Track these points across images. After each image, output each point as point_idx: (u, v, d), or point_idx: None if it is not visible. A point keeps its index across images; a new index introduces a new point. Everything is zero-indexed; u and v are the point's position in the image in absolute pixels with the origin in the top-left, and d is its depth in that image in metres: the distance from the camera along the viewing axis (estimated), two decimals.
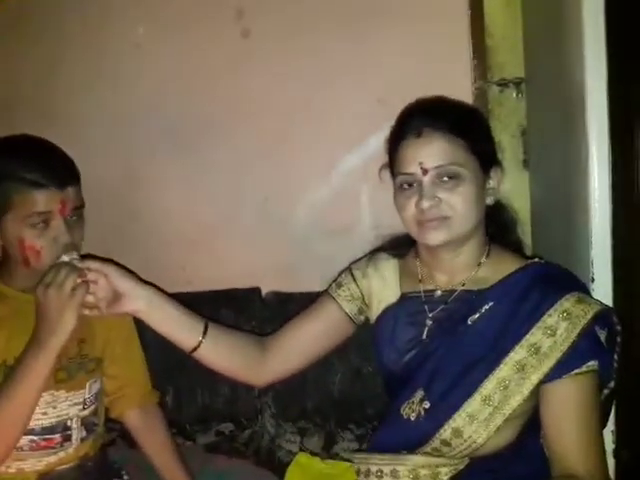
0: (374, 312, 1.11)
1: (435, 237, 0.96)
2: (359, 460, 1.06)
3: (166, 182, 1.57)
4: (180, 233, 1.59)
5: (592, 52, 0.99)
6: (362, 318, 1.14)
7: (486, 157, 1.00)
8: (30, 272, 1.06)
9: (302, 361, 1.11)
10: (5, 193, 1.01)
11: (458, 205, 0.95)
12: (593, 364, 0.91)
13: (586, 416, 0.91)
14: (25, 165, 1.02)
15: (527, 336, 0.93)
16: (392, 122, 1.26)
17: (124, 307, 0.98)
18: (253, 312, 1.51)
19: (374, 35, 1.43)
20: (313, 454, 1.42)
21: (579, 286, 0.98)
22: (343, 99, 1.46)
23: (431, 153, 0.95)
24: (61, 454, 1.09)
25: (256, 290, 1.56)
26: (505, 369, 0.93)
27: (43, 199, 1.01)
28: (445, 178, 0.95)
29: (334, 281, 1.16)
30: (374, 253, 1.16)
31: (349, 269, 1.16)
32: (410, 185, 0.97)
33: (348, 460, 1.31)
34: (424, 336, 1.02)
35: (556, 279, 0.98)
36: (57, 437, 1.09)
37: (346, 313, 1.12)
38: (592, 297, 0.98)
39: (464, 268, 1.02)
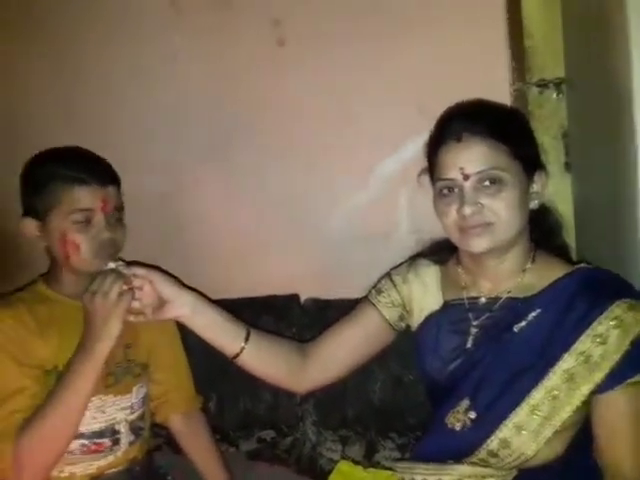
0: (415, 319, 1.10)
1: (478, 244, 0.94)
2: (402, 469, 1.04)
3: (206, 193, 1.60)
4: (220, 242, 1.61)
5: (638, 50, 0.95)
6: (403, 325, 1.12)
7: (529, 160, 0.97)
8: (76, 278, 1.11)
9: (342, 369, 1.11)
10: (51, 192, 1.07)
11: (501, 211, 0.93)
12: None
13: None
14: (69, 165, 1.09)
15: (576, 344, 0.90)
16: (430, 127, 1.26)
17: (169, 313, 1.00)
18: (292, 319, 1.52)
19: (410, 41, 1.43)
20: (355, 462, 1.41)
21: (631, 292, 0.94)
22: (380, 105, 1.45)
23: (472, 158, 0.93)
24: (110, 458, 1.12)
25: (295, 297, 1.57)
26: (554, 378, 0.91)
27: (86, 196, 1.07)
28: (487, 183, 0.93)
29: (374, 287, 1.15)
30: (414, 259, 1.15)
31: (389, 275, 1.15)
32: (450, 190, 0.96)
33: (390, 469, 1.28)
34: (469, 345, 1.01)
35: (605, 284, 0.95)
36: (106, 441, 1.11)
37: (386, 320, 1.11)
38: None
39: (509, 275, 1.00)
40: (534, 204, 0.98)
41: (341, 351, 1.10)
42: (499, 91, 1.38)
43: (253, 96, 1.53)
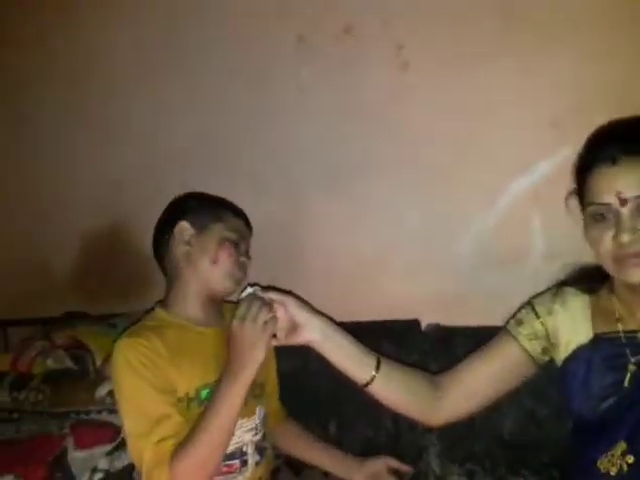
0: (562, 353, 1.02)
1: (638, 274, 0.87)
2: None
3: (329, 217, 1.62)
4: (342, 265, 1.62)
5: None
6: (546, 358, 1.05)
7: None
8: (200, 302, 1.15)
9: (477, 403, 1.06)
10: (216, 214, 1.19)
11: None
12: None
13: None
14: (226, 205, 1.23)
15: None
16: (565, 145, 1.19)
17: (300, 337, 1.01)
18: (413, 345, 1.48)
19: (542, 58, 1.36)
20: None
21: None
22: (509, 126, 1.40)
23: (630, 182, 0.86)
24: (240, 478, 1.13)
25: (416, 322, 1.53)
26: None
27: (240, 227, 1.21)
28: None
29: (513, 317, 1.09)
30: (560, 287, 1.07)
31: (531, 304, 1.07)
32: (604, 216, 0.89)
33: None
34: (626, 383, 0.93)
35: None
36: (236, 462, 1.12)
37: (528, 353, 1.04)
38: None
39: None
40: None
41: (477, 385, 1.05)
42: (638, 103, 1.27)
43: (377, 123, 1.53)
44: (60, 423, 1.43)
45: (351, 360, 1.02)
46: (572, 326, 1.01)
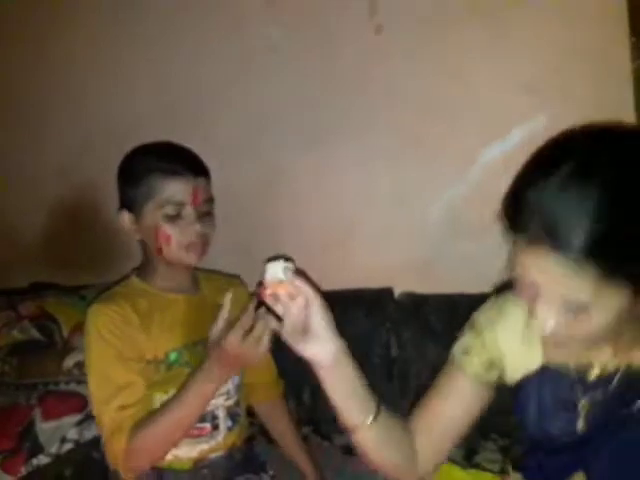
0: (509, 375, 0.89)
1: None
2: None
3: (300, 182, 1.60)
4: (313, 233, 1.61)
5: None
6: (499, 380, 0.91)
7: None
8: (171, 271, 1.14)
9: (452, 445, 0.93)
10: (145, 185, 1.09)
11: None
12: None
13: None
14: (162, 157, 1.11)
15: None
16: (540, 112, 1.18)
17: (307, 349, 0.82)
18: (386, 313, 1.49)
19: (518, 22, 1.34)
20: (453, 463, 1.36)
21: None
22: (483, 91, 1.38)
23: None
24: (212, 442, 1.14)
25: (388, 290, 1.53)
26: None
27: (178, 188, 1.08)
28: None
29: (459, 342, 0.92)
30: (505, 301, 0.89)
31: (474, 327, 0.91)
32: None
33: (490, 471, 1.24)
34: (579, 427, 0.82)
35: None
36: (207, 426, 1.13)
37: (481, 382, 0.89)
38: None
39: (632, 344, 0.78)
40: None
41: (445, 432, 0.91)
42: (618, 69, 1.27)
43: (349, 87, 1.51)
44: (28, 394, 1.41)
45: (349, 400, 0.85)
46: (517, 346, 0.86)
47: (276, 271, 0.84)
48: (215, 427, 1.14)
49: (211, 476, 1.14)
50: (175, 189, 1.08)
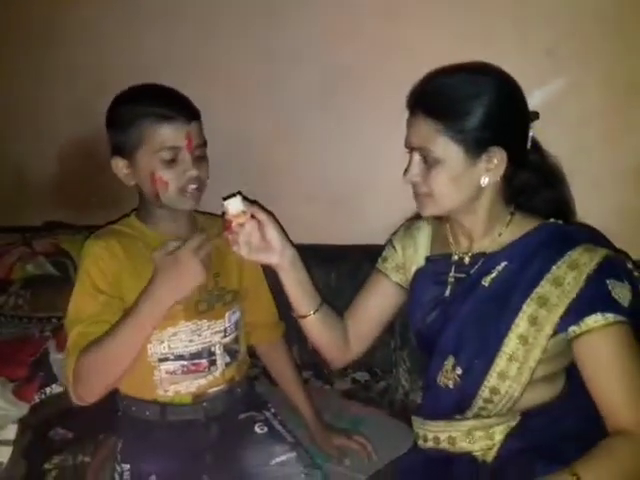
0: (409, 277, 1.16)
1: (423, 209, 1.05)
2: (417, 425, 1.11)
3: (312, 136, 1.59)
4: (323, 186, 1.62)
5: None
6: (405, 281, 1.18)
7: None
8: (168, 213, 1.15)
9: (374, 337, 1.22)
10: (138, 129, 1.08)
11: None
12: (610, 317, 0.90)
13: (624, 369, 0.90)
14: (154, 102, 1.09)
15: (536, 289, 0.96)
16: (561, 75, 1.18)
17: (269, 258, 1.06)
18: None
19: None
20: None
21: (593, 239, 0.99)
22: (503, 54, 1.34)
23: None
24: (210, 377, 1.18)
25: None
26: (522, 324, 0.96)
27: (172, 133, 1.08)
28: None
29: (380, 256, 1.22)
30: (411, 220, 1.21)
31: (390, 241, 1.22)
32: None
33: None
34: (447, 293, 1.07)
35: (569, 235, 1.00)
36: (204, 362, 1.17)
37: (397, 283, 1.18)
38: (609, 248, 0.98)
39: (483, 234, 1.05)
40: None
41: (369, 324, 1.20)
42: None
43: (365, 42, 1.48)
44: (42, 327, 1.46)
45: (301, 294, 1.11)
46: (415, 253, 1.16)
47: (237, 205, 1.03)
48: (212, 363, 1.18)
49: (211, 409, 1.18)
50: (169, 134, 1.08)
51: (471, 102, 0.96)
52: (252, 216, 1.04)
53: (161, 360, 1.15)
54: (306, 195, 1.64)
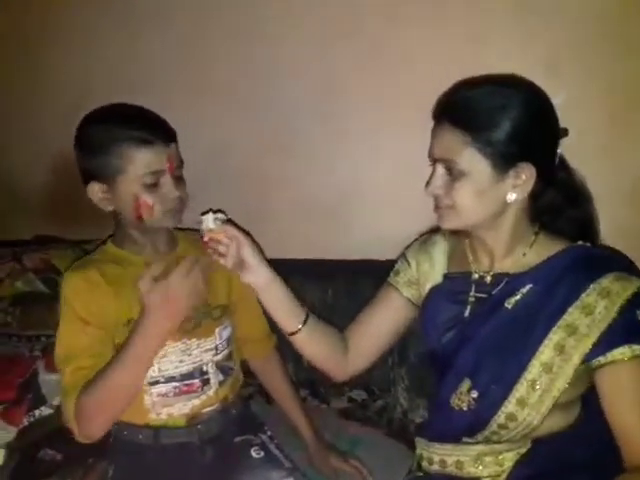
0: (423, 294, 1.13)
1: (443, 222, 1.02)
2: (421, 446, 1.08)
3: (306, 147, 1.57)
4: (320, 200, 1.59)
5: None
6: (421, 301, 1.15)
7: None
8: (144, 234, 1.13)
9: (378, 353, 1.17)
10: (116, 155, 1.05)
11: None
12: (637, 349, 0.88)
13: None
14: (131, 125, 1.06)
15: (564, 316, 0.92)
16: (561, 89, 1.16)
17: (245, 277, 1.06)
18: None
19: None
20: None
21: (623, 265, 0.96)
22: (500, 61, 1.34)
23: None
24: (203, 397, 1.15)
25: (394, 262, 1.53)
26: (546, 352, 0.93)
27: (154, 157, 1.06)
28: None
29: (392, 270, 1.19)
30: (428, 235, 1.19)
31: (403, 255, 1.19)
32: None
33: None
34: (466, 313, 1.04)
35: (597, 260, 0.97)
36: (197, 382, 1.15)
37: (408, 299, 1.14)
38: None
39: (505, 253, 1.02)
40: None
41: (375, 338, 1.15)
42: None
43: (362, 52, 1.46)
44: (30, 346, 1.42)
45: (284, 312, 1.09)
46: (431, 269, 1.12)
47: (207, 222, 1.05)
48: (205, 382, 1.16)
49: (206, 431, 1.16)
50: (150, 157, 1.06)
51: (502, 115, 0.92)
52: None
53: (152, 384, 1.12)
54: (300, 208, 1.61)
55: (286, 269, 1.13)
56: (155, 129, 1.07)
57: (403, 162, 1.49)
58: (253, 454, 1.17)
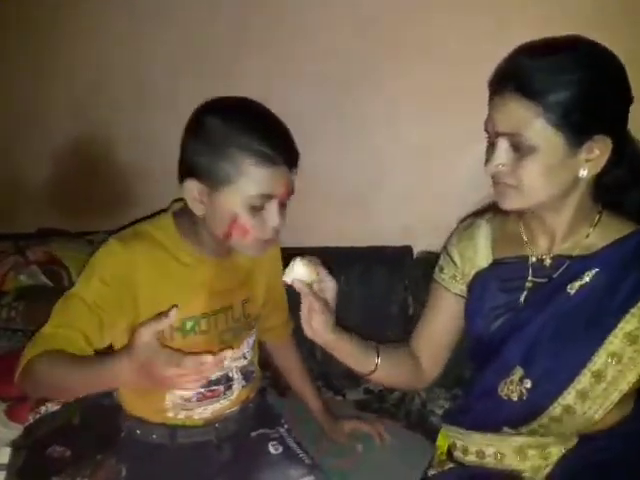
0: (468, 282, 1.05)
1: (504, 202, 0.93)
2: (455, 435, 1.02)
3: (322, 136, 1.53)
4: (336, 188, 1.56)
5: None
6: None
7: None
8: (212, 241, 1.01)
9: (450, 351, 1.11)
10: (233, 163, 0.91)
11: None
12: None
13: None
14: (261, 136, 0.92)
15: (639, 304, 0.86)
16: None
17: (314, 328, 0.94)
18: (405, 271, 1.46)
19: None
20: None
21: None
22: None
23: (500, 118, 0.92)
24: (224, 402, 1.11)
25: (408, 249, 1.51)
26: (615, 342, 0.87)
27: (272, 180, 0.92)
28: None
29: (437, 264, 1.13)
30: (470, 220, 1.11)
31: (445, 248, 1.12)
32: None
33: None
34: (521, 299, 0.96)
35: None
36: (221, 388, 1.09)
37: (456, 294, 1.07)
38: None
39: (567, 234, 0.94)
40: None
41: (443, 342, 1.10)
42: None
43: (373, 38, 1.43)
44: None
45: (355, 357, 1.02)
46: (475, 255, 1.04)
47: (306, 273, 0.91)
48: (229, 387, 1.11)
49: (223, 429, 1.11)
50: (269, 179, 0.92)
51: (575, 82, 0.83)
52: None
53: None
54: (317, 195, 1.56)
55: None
56: (283, 148, 0.94)
57: (422, 150, 1.47)
58: (271, 449, 1.12)
